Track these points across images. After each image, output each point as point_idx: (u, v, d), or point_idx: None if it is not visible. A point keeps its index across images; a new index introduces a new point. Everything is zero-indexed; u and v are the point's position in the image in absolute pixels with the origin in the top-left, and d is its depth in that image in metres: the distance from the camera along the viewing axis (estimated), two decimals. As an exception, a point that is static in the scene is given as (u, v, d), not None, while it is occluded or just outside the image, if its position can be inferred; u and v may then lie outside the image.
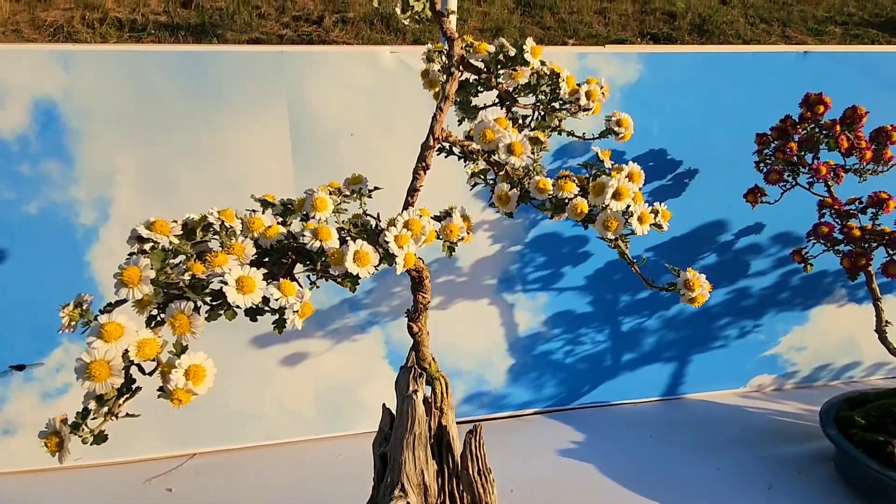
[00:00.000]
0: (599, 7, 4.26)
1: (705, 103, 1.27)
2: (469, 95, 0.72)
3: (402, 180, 0.70)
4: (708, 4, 4.37)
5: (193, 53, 1.10)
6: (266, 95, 1.13)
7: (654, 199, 1.34)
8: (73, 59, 1.05)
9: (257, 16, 4.02)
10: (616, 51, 1.22)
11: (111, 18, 3.83)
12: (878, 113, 1.17)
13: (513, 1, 4.17)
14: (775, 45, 3.97)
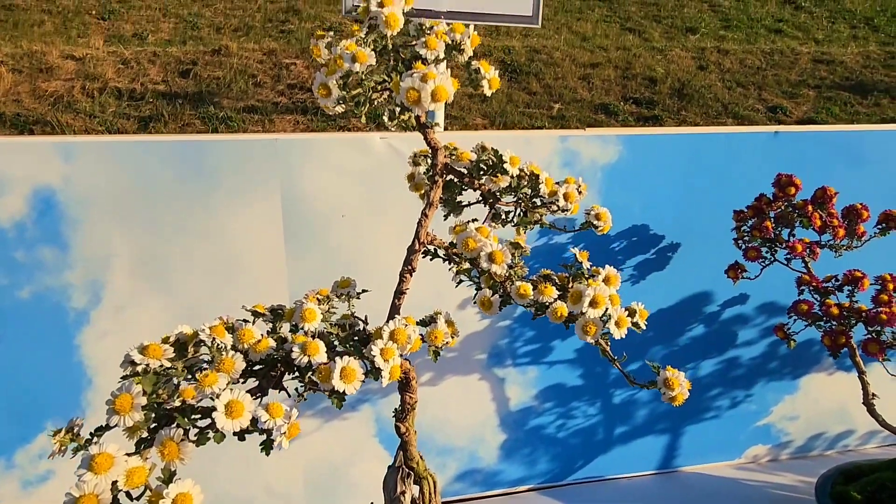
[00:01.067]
0: (583, 73, 4.45)
1: (684, 181, 1.32)
2: (454, 194, 0.76)
3: (392, 260, 0.73)
4: (686, 70, 4.59)
5: (190, 143, 1.14)
6: (260, 180, 1.17)
7: (639, 273, 1.37)
8: (74, 149, 1.10)
9: (253, 84, 4.16)
10: (596, 133, 1.28)
11: (111, 88, 3.96)
12: (849, 188, 1.23)
13: (500, 67, 4.36)
14: (750, 121, 4.13)
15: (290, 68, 4.32)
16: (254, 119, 3.83)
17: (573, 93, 4.28)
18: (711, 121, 4.13)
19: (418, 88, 0.53)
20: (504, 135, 1.49)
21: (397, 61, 0.60)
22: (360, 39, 0.61)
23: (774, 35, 5.17)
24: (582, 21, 5.14)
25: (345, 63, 0.54)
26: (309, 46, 3.11)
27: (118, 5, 4.70)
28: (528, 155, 1.15)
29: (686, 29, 5.16)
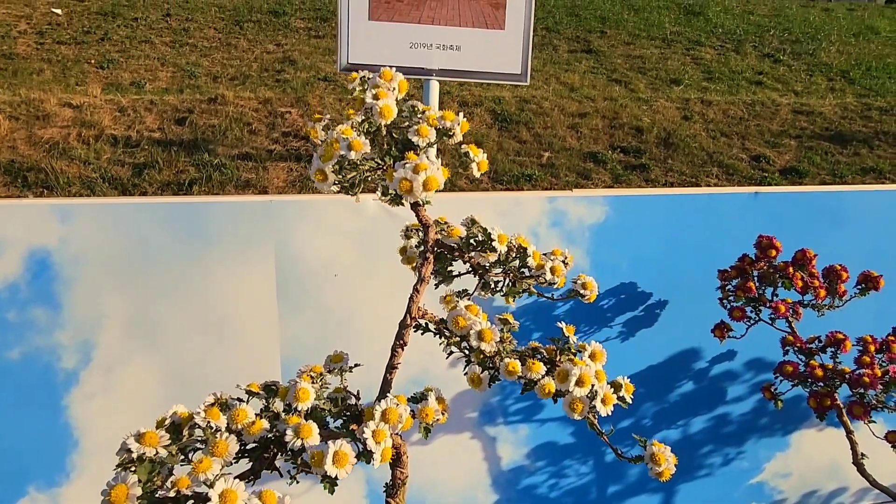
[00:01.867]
0: (572, 122, 4.58)
1: (669, 240, 1.36)
2: (445, 264, 0.79)
3: (384, 319, 0.74)
4: (671, 119, 4.73)
5: (186, 204, 1.17)
6: (254, 241, 1.19)
7: (628, 329, 1.40)
8: (71, 211, 1.12)
9: (248, 132, 4.24)
10: (583, 194, 1.33)
11: (107, 135, 4.02)
12: (828, 247, 1.27)
13: (490, 116, 4.48)
14: (734, 169, 4.24)
15: (285, 117, 4.41)
16: (247, 166, 3.88)
17: (562, 141, 4.39)
18: (697, 169, 4.24)
19: (410, 179, 0.56)
20: (494, 196, 1.54)
21: (390, 145, 0.63)
22: (356, 124, 0.64)
23: (755, 87, 5.37)
24: (570, 72, 5.32)
25: (341, 149, 0.58)
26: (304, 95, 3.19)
27: (118, 55, 4.82)
28: (518, 215, 1.19)
29: (670, 81, 5.35)
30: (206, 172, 3.80)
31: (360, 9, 2.12)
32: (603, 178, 3.82)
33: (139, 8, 5.71)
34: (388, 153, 0.63)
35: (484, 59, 2.20)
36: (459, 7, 2.16)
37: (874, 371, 1.02)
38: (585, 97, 4.92)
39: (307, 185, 3.49)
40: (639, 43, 6.04)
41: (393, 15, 2.13)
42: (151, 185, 3.45)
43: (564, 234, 1.22)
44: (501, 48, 2.20)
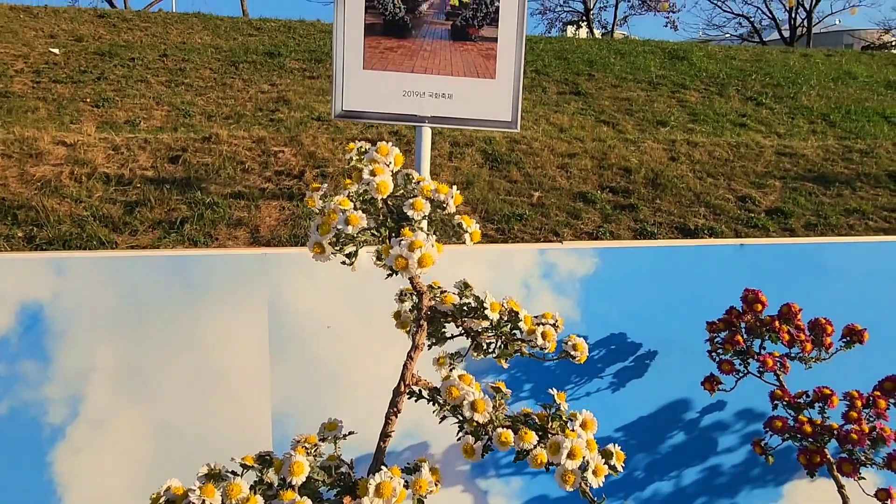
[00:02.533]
0: (561, 163, 4.67)
1: (658, 291, 1.39)
2: (439, 327, 0.80)
3: (376, 372, 0.75)
4: (659, 161, 4.84)
5: (181, 257, 1.18)
6: (247, 293, 1.20)
7: (618, 380, 1.41)
8: (66, 265, 1.13)
9: (241, 170, 4.28)
10: (573, 246, 1.36)
11: (99, 174, 4.04)
12: (813, 298, 1.30)
13: (482, 157, 4.56)
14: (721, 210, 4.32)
15: (278, 156, 4.46)
16: (240, 205, 3.91)
17: (552, 181, 4.46)
18: (685, 209, 4.33)
19: (406, 256, 0.58)
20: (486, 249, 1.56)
21: (386, 216, 0.66)
22: (353, 194, 0.67)
23: (739, 129, 5.53)
24: (559, 113, 5.46)
25: (338, 223, 0.60)
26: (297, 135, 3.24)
27: (113, 94, 4.88)
28: (508, 267, 1.21)
29: (657, 122, 5.50)
30: (197, 211, 3.82)
31: (355, 58, 2.19)
32: (593, 218, 3.88)
33: (136, 48, 5.82)
34: (383, 223, 0.65)
35: (475, 107, 2.27)
36: (451, 57, 2.23)
37: (862, 427, 1.04)
38: (575, 138, 5.03)
39: (298, 223, 3.51)
40: (625, 86, 6.22)
41: (387, 64, 2.19)
42: (142, 223, 3.46)
43: (555, 286, 1.24)
44: (492, 97, 2.27)
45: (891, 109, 5.91)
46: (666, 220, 3.99)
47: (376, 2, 2.18)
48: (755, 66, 7.23)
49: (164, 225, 3.51)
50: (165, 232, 3.44)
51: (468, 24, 2.25)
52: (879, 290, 1.45)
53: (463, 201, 3.68)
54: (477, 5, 2.23)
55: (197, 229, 3.45)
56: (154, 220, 3.55)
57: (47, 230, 3.42)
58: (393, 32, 2.21)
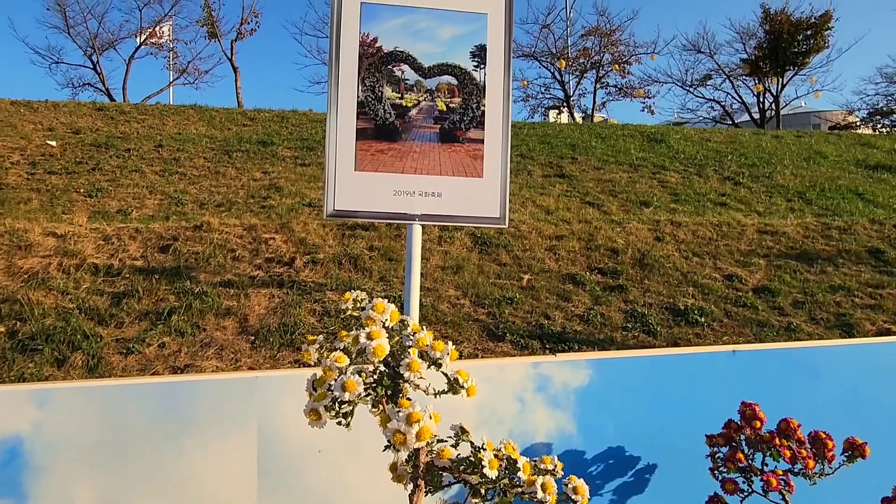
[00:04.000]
0: (549, 245, 4.75)
1: (653, 401, 1.37)
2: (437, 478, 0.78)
3: (368, 500, 0.71)
4: (645, 241, 4.94)
5: (167, 384, 1.16)
6: (237, 419, 1.17)
7: (619, 497, 1.36)
8: (50, 396, 1.10)
9: (231, 258, 4.30)
10: (567, 358, 1.35)
11: (88, 264, 4.03)
12: (808, 403, 1.29)
13: (471, 240, 4.63)
14: (709, 289, 4.36)
15: (269, 243, 4.50)
16: (229, 293, 3.89)
17: (541, 263, 4.51)
18: (673, 289, 4.37)
19: (404, 431, 0.58)
20: (479, 364, 1.55)
21: (381, 374, 0.66)
22: (349, 347, 0.67)
23: (720, 208, 5.70)
24: (545, 196, 5.61)
25: (335, 390, 0.59)
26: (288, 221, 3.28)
27: (107, 184, 4.96)
28: (502, 381, 1.20)
29: (640, 203, 5.66)
30: (186, 301, 3.79)
31: (347, 160, 2.26)
32: (583, 301, 3.90)
33: (133, 139, 5.98)
34: (379, 382, 0.65)
35: (464, 205, 2.33)
36: (440, 158, 2.32)
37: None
38: (561, 220, 5.15)
39: (288, 311, 3.49)
40: (608, 168, 6.45)
41: (378, 166, 2.27)
42: (129, 314, 3.41)
43: (550, 399, 1.23)
44: (480, 194, 2.33)
45: (863, 187, 6.16)
46: (656, 301, 4.02)
47: (368, 108, 2.28)
48: (730, 148, 7.57)
49: (152, 316, 3.47)
50: (152, 323, 3.40)
51: (456, 127, 2.35)
52: (876, 392, 1.45)
53: (454, 285, 3.68)
54: (464, 110, 2.35)
55: (184, 320, 3.41)
56: (141, 311, 3.52)
57: (31, 324, 3.36)
58: (384, 136, 2.30)
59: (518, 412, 1.25)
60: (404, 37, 2.32)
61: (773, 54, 17.09)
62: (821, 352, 1.48)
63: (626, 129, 8.41)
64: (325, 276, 3.92)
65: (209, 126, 6.90)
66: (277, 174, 5.48)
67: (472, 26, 2.35)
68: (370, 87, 2.30)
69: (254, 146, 6.24)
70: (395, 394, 0.62)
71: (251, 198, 4.96)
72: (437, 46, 2.33)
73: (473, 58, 2.36)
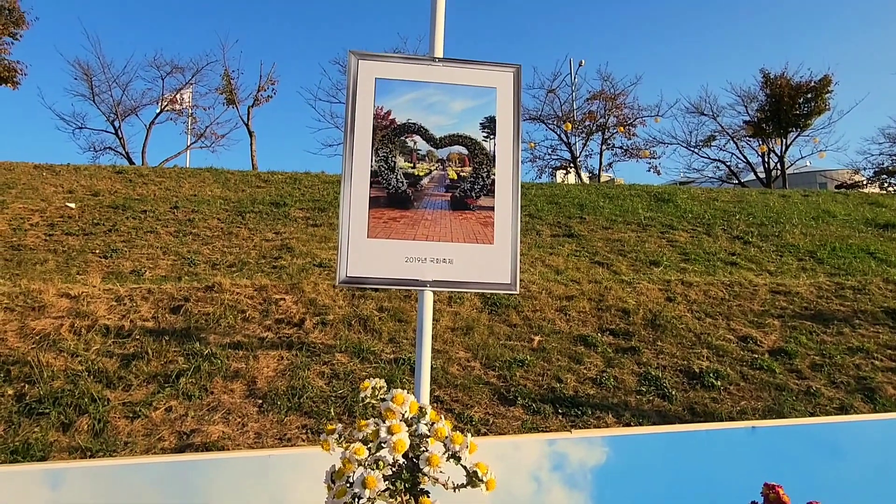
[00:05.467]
0: (560, 305, 4.74)
1: (672, 480, 1.34)
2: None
3: None
4: (655, 301, 4.92)
5: (178, 464, 1.16)
6: (249, 499, 1.16)
7: (642, 584, 1.31)
8: (64, 476, 1.10)
9: (241, 319, 4.31)
10: (582, 435, 1.34)
11: (99, 325, 4.06)
12: (832, 484, 1.25)
13: (481, 301, 4.63)
14: (724, 351, 4.30)
15: (279, 303, 4.53)
16: (238, 355, 3.88)
17: (552, 324, 4.49)
18: (687, 351, 4.31)
19: (424, 532, 0.58)
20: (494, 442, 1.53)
21: (401, 468, 0.66)
22: (368, 437, 0.67)
23: (731, 267, 5.69)
24: (554, 255, 5.64)
25: (355, 488, 0.60)
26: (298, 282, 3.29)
27: (122, 245, 5.07)
28: (517, 460, 1.18)
29: (650, 262, 5.67)
30: (195, 363, 3.79)
31: (360, 228, 2.31)
32: (595, 363, 3.85)
33: (149, 201, 6.15)
34: (398, 475, 0.65)
35: (475, 271, 2.35)
36: (451, 225, 2.37)
37: None
38: (571, 280, 5.15)
39: (297, 373, 3.47)
40: (616, 227, 6.52)
41: (390, 233, 2.32)
42: (137, 376, 3.40)
43: (566, 478, 1.20)
44: (491, 261, 2.36)
45: (874, 246, 6.15)
46: (669, 363, 3.96)
47: (381, 178, 2.36)
48: (738, 207, 7.64)
49: (160, 378, 3.46)
50: (160, 386, 3.38)
51: (467, 195, 2.42)
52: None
53: (464, 347, 3.66)
54: (474, 178, 2.42)
55: (192, 382, 3.39)
56: (150, 373, 3.51)
57: (39, 387, 3.35)
58: (396, 204, 2.36)
59: (534, 492, 1.23)
60: (417, 109, 2.42)
61: (775, 116, 17.50)
62: (845, 427, 1.45)
63: (633, 189, 8.54)
64: (334, 337, 3.92)
65: (224, 188, 7.10)
66: (289, 235, 5.58)
67: (482, 100, 2.45)
68: (383, 158, 2.38)
69: (267, 207, 6.38)
70: (414, 487, 0.62)
71: (263, 258, 5.03)
72: (448, 118, 2.43)
73: (483, 129, 2.45)
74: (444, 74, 2.47)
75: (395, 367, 3.44)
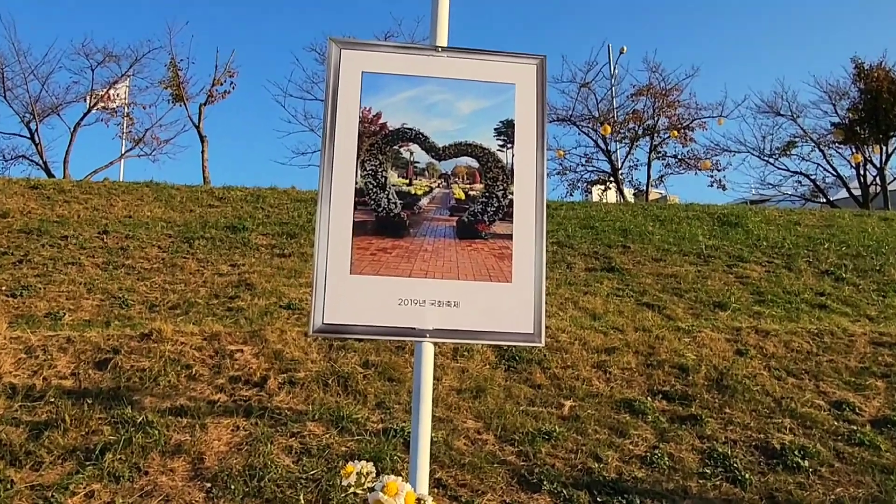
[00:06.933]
0: (597, 360, 4.72)
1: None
2: None
3: None
4: (722, 355, 4.90)
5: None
6: None
7: None
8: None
9: (186, 377, 4.31)
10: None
11: (4, 384, 4.07)
12: None
13: (495, 354, 4.62)
14: (812, 420, 4.25)
15: (235, 356, 4.53)
16: (181, 423, 3.87)
17: (587, 385, 4.47)
18: (764, 421, 4.27)
19: None
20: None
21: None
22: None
23: (819, 311, 5.68)
24: (590, 295, 5.64)
25: None
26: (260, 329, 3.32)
27: (35, 279, 5.10)
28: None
29: (714, 304, 5.66)
30: (125, 434, 3.77)
31: (341, 261, 2.34)
32: (644, 436, 3.82)
33: (71, 224, 6.22)
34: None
35: (488, 318, 2.37)
36: (458, 258, 2.39)
37: None
38: (612, 327, 5.15)
39: (256, 448, 3.44)
40: (670, 259, 6.54)
41: (379, 268, 2.34)
42: (51, 451, 3.39)
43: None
44: (509, 304, 2.38)
45: None
46: (741, 437, 3.92)
47: (367, 197, 2.39)
48: (826, 233, 7.66)
49: (79, 454, 3.44)
50: (79, 464, 3.36)
51: (477, 219, 2.45)
52: None
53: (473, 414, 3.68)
54: (487, 198, 2.45)
55: (121, 459, 3.37)
56: (67, 447, 3.49)
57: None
58: (387, 231, 2.40)
59: None
60: (414, 112, 2.48)
61: (871, 117, 17.63)
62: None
63: (690, 210, 8.59)
64: (305, 401, 3.91)
65: (167, 207, 7.17)
66: (249, 267, 5.61)
67: (497, 99, 2.50)
68: (371, 172, 2.43)
69: (221, 232, 6.44)
70: None
71: (215, 298, 5.05)
72: (453, 123, 2.48)
73: (499, 135, 2.50)
74: (449, 67, 2.53)
75: (385, 441, 3.42)
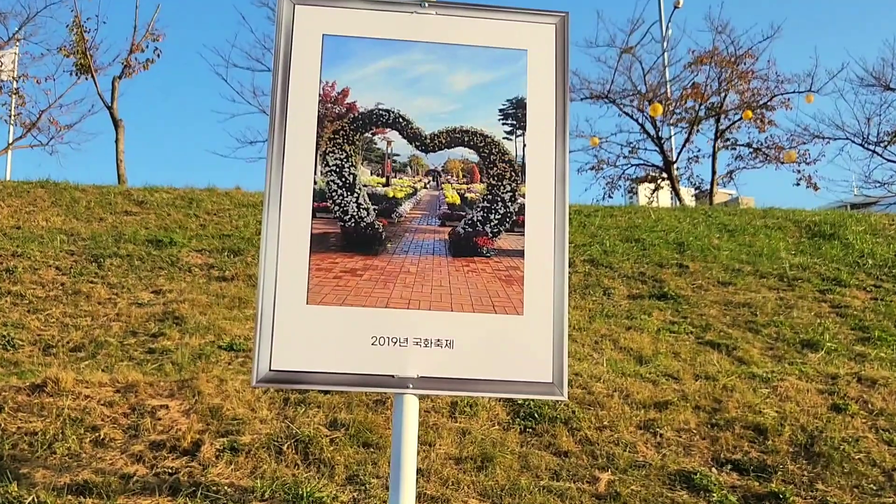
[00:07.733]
0: (644, 419, 4.70)
1: None
2: None
3: None
4: (813, 412, 4.88)
5: None
6: None
7: None
8: None
9: (92, 442, 4.30)
10: None
11: None
12: None
13: (506, 411, 4.60)
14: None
15: (158, 415, 4.51)
16: (84, 506, 3.85)
17: (631, 453, 4.45)
18: (870, 500, 4.24)
19: None
20: None
21: None
22: None
23: (943, 352, 5.66)
24: (634, 331, 5.63)
25: None
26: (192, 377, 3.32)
27: None
28: None
29: (802, 344, 5.65)
30: (3, 524, 3.75)
31: (294, 287, 2.33)
32: (707, 521, 3.81)
33: (-61, 237, 6.23)
34: None
35: (491, 362, 2.36)
36: (451, 282, 2.39)
37: None
38: (664, 374, 5.13)
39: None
40: (742, 282, 6.51)
41: (345, 296, 2.33)
42: None
43: None
44: (520, 343, 2.37)
45: None
46: (840, 523, 3.92)
47: (330, 201, 2.39)
48: (953, 246, 7.65)
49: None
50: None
51: (476, 231, 2.45)
52: None
53: (478, 492, 3.70)
54: (490, 203, 2.45)
55: (-9, 570, 3.36)
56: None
57: None
58: (356, 246, 2.39)
59: None
60: (393, 88, 2.48)
61: None
62: None
63: (770, 217, 8.59)
64: (252, 474, 3.90)
65: (69, 215, 7.17)
66: (178, 295, 5.61)
67: (503, 71, 2.51)
68: (335, 168, 2.43)
69: (140, 248, 6.44)
70: None
71: (132, 336, 5.04)
72: (445, 102, 2.49)
73: (505, 119, 2.51)
74: (440, 29, 2.54)
75: (357, 529, 3.42)
